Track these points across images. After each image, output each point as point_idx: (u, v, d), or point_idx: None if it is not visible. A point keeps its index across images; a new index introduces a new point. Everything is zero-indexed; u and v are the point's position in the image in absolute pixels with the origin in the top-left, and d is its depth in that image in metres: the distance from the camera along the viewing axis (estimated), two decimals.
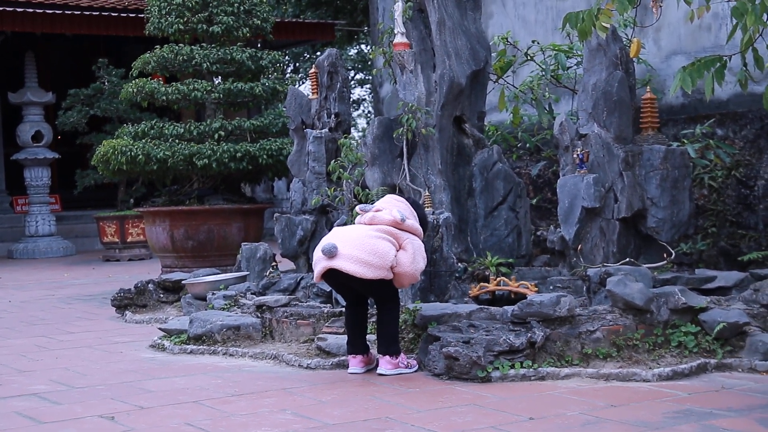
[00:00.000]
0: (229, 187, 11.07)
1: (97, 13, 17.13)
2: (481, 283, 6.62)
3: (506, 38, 8.43)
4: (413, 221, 5.78)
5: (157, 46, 10.95)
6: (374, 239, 5.57)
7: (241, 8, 11.10)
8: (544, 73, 8.30)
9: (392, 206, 5.78)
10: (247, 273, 8.25)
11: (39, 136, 17.11)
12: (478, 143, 7.35)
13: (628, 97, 6.78)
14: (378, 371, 5.63)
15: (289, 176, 8.97)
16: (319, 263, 5.62)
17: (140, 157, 10.25)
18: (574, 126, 6.95)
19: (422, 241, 5.79)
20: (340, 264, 5.51)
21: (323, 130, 8.20)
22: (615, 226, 6.65)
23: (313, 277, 7.28)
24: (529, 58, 8.46)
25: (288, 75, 24.71)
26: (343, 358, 5.87)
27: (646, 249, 6.78)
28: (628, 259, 6.54)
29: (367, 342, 5.80)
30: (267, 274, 7.98)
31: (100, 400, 5.26)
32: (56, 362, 6.52)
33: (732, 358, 5.47)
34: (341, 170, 7.50)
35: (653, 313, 5.63)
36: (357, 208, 5.98)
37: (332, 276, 5.63)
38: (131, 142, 10.49)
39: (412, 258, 5.61)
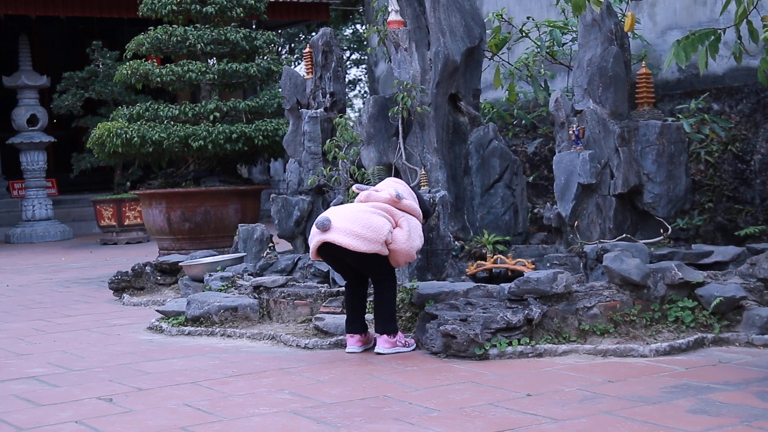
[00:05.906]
0: (226, 169, 11.05)
1: None
2: (478, 261, 6.62)
3: (501, 15, 8.39)
4: (412, 202, 5.77)
5: (151, 28, 10.91)
6: (369, 214, 5.57)
7: None
8: (539, 49, 8.27)
9: (390, 187, 5.78)
10: (244, 254, 8.25)
11: (34, 120, 17.06)
12: (473, 121, 7.33)
13: (624, 73, 6.76)
14: (375, 350, 5.63)
15: (285, 157, 8.95)
16: (314, 238, 5.62)
17: (135, 139, 10.23)
18: (570, 102, 6.93)
19: (421, 224, 5.80)
20: (333, 237, 5.51)
21: (318, 110, 8.18)
22: (611, 202, 6.64)
23: (309, 257, 7.31)
24: (524, 34, 8.42)
25: (284, 56, 24.59)
26: (341, 337, 5.87)
27: (642, 225, 6.78)
28: (624, 235, 6.54)
29: (366, 321, 5.81)
30: (264, 255, 7.97)
31: (99, 382, 5.26)
32: (54, 345, 6.52)
33: (729, 332, 5.48)
34: (337, 150, 7.48)
35: (650, 288, 5.64)
36: (354, 187, 5.97)
37: (327, 251, 5.63)
38: (126, 124, 10.46)
39: (408, 235, 5.60)
